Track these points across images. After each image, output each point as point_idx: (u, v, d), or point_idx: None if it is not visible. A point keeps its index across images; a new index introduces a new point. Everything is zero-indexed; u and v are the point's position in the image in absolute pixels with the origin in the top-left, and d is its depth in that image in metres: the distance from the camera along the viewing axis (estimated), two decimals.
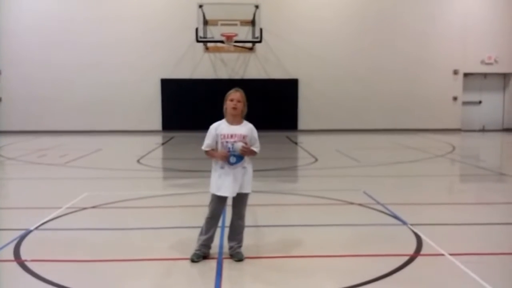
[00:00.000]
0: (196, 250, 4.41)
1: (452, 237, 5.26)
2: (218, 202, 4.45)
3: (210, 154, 4.43)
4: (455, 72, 19.99)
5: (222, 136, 4.39)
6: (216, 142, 4.41)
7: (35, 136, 17.51)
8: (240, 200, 4.50)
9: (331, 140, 16.74)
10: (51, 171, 9.92)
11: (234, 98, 4.48)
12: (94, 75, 19.12)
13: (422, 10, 19.69)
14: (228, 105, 4.47)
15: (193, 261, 4.34)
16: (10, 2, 18.82)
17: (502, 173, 9.88)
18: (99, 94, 19.17)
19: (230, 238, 4.54)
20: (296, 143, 15.94)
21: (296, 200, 7.14)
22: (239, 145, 4.36)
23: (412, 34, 19.70)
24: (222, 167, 4.39)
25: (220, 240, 4.91)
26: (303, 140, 16.76)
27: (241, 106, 4.49)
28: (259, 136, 4.66)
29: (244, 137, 4.44)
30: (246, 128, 4.54)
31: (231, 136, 4.39)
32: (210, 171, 4.53)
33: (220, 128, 4.42)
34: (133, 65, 19.17)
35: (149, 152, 12.75)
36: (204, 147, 4.43)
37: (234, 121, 4.49)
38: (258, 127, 16.58)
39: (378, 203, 6.64)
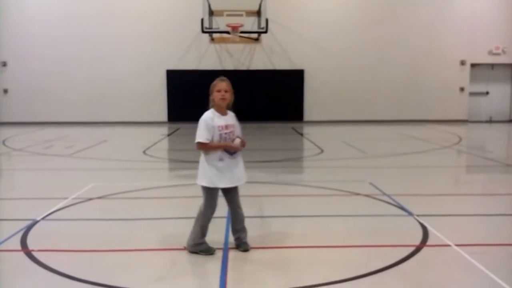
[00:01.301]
0: (206, 245, 4.40)
1: (458, 228, 5.24)
2: (216, 195, 4.44)
3: (211, 146, 4.30)
4: (462, 63, 19.84)
5: (220, 128, 4.33)
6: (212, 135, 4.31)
7: (41, 127, 17.56)
8: (236, 189, 4.53)
9: (337, 131, 16.69)
10: (58, 162, 9.96)
11: (221, 89, 4.36)
12: (99, 66, 19.13)
13: (429, 1, 19.50)
14: (216, 96, 4.36)
15: (213, 253, 4.34)
16: None
17: (509, 164, 9.82)
18: (105, 85, 19.18)
19: (236, 229, 4.53)
20: (301, 134, 15.90)
21: (302, 191, 7.14)
22: (238, 141, 4.36)
23: (419, 24, 19.53)
24: (221, 159, 4.35)
25: (225, 230, 4.92)
26: (309, 131, 16.73)
27: (229, 96, 4.39)
28: (266, 127, 4.66)
29: (234, 126, 4.43)
30: (233, 118, 4.52)
31: (226, 127, 4.36)
32: None
33: (215, 120, 4.33)
34: (139, 56, 19.16)
35: (154, 143, 12.77)
36: (204, 139, 4.27)
37: (223, 112, 4.42)
38: (264, 118, 16.86)
39: (384, 194, 6.62)
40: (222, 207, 4.59)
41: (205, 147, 4.32)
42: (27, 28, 18.91)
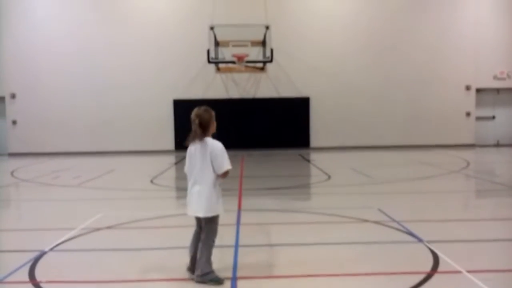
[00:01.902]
0: (215, 275, 4.34)
1: (469, 254, 5.17)
2: None
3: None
4: (468, 88, 19.89)
5: None
6: None
7: (49, 158, 17.68)
8: None
9: (344, 157, 16.67)
10: (65, 192, 9.99)
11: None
12: (107, 96, 19.35)
13: (434, 25, 19.71)
14: (214, 125, 4.48)
15: (222, 283, 4.29)
16: (25, 26, 19.19)
17: None
18: (112, 115, 19.37)
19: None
20: (308, 161, 15.90)
21: (310, 218, 7.10)
22: None
23: (423, 50, 19.68)
24: (220, 185, 4.46)
25: (233, 259, 4.89)
26: (316, 157, 16.72)
27: None
28: (273, 154, 4.72)
29: None
30: None
31: None
32: (222, 189, 4.53)
33: None
34: (146, 86, 19.39)
35: (162, 172, 12.80)
36: (230, 166, 4.39)
37: None
38: (271, 145, 16.87)
39: (393, 220, 6.57)
40: (227, 235, 4.58)
41: (227, 175, 4.41)
42: (35, 59, 19.23)
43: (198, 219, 4.48)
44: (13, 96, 19.30)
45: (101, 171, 13.04)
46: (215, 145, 4.38)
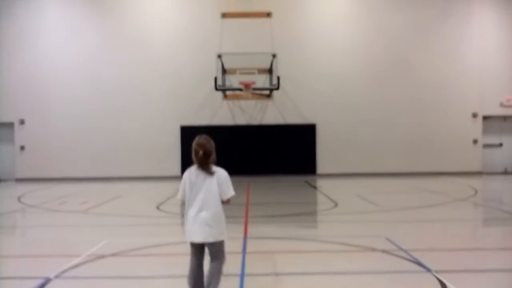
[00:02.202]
0: None
1: (478, 284, 5.10)
2: None
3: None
4: (474, 115, 19.89)
5: None
6: None
7: (56, 183, 17.74)
8: None
9: (351, 184, 16.60)
10: (71, 218, 9.99)
11: None
12: (114, 122, 19.52)
13: (439, 53, 19.85)
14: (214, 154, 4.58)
15: None
16: (35, 53, 19.52)
17: None
18: (119, 141, 19.49)
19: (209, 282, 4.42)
20: (315, 188, 15.84)
21: (317, 247, 7.04)
22: None
23: (430, 78, 19.78)
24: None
25: (239, 287, 4.84)
26: (322, 184, 16.66)
27: None
28: (279, 181, 4.77)
29: None
30: None
31: None
32: (227, 217, 4.55)
33: None
34: (154, 112, 19.56)
35: (168, 199, 12.79)
36: (234, 192, 4.52)
37: None
38: (277, 171, 16.87)
39: (401, 249, 6.51)
40: (232, 264, 4.55)
41: (230, 200, 4.54)
42: (44, 86, 19.48)
43: (201, 247, 4.46)
44: (22, 122, 19.50)
45: (107, 197, 13.05)
46: (220, 172, 4.48)
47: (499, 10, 20.01)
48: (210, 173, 4.41)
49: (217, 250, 4.40)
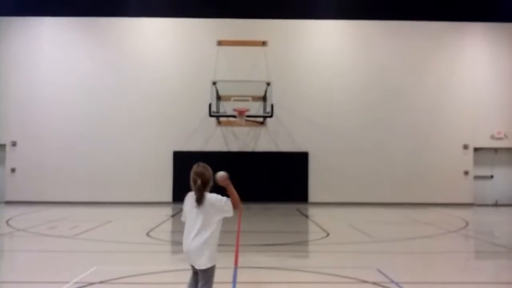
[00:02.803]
0: None
1: None
2: None
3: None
4: (465, 147, 20.06)
5: None
6: None
7: (46, 207, 17.56)
8: None
9: (342, 214, 16.57)
10: (60, 244, 9.86)
11: None
12: (107, 146, 19.47)
13: (431, 85, 20.14)
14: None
15: None
16: (28, 77, 19.58)
17: None
18: (111, 165, 19.41)
19: None
20: (307, 216, 15.78)
21: (307, 278, 6.98)
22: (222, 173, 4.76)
23: (422, 109, 20.02)
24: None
25: None
26: (314, 213, 16.62)
27: None
28: (271, 208, 4.80)
29: None
30: None
31: None
32: (219, 244, 4.54)
33: None
34: (147, 137, 19.57)
35: (158, 225, 12.68)
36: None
37: None
38: (269, 199, 16.84)
39: (392, 281, 6.47)
40: None
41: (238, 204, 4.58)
42: (37, 109, 19.51)
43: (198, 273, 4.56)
44: (14, 144, 19.42)
45: (97, 222, 12.92)
46: (215, 197, 4.58)
47: (490, 43, 20.43)
48: (202, 202, 4.52)
49: (208, 275, 4.48)
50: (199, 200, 4.50)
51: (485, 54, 20.43)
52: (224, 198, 4.55)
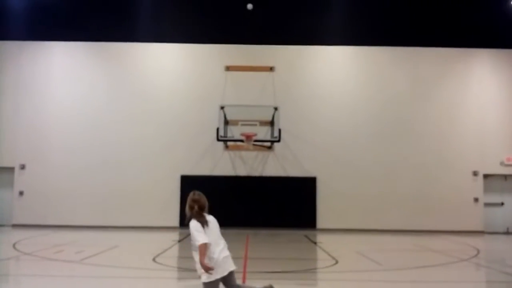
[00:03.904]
0: None
1: None
2: None
3: None
4: (475, 174, 19.88)
5: None
6: None
7: (53, 230, 17.52)
8: None
9: (351, 240, 16.37)
10: (66, 269, 9.78)
11: None
12: (114, 170, 19.48)
13: (440, 111, 20.07)
14: None
15: None
16: (37, 101, 19.74)
17: None
18: (118, 189, 19.38)
19: None
20: (315, 243, 15.60)
21: None
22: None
23: (430, 136, 19.92)
24: None
25: None
26: (322, 239, 16.42)
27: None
28: (278, 234, 4.89)
29: None
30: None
31: None
32: None
33: None
34: (154, 162, 19.56)
35: (165, 250, 12.58)
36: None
37: None
38: (277, 224, 16.72)
39: None
40: None
41: None
42: (46, 132, 19.58)
43: (230, 277, 5.36)
44: (22, 167, 19.49)
45: (104, 247, 12.84)
46: (212, 218, 5.64)
47: (497, 69, 20.42)
48: (207, 223, 5.48)
49: (234, 277, 5.46)
50: (205, 222, 5.32)
51: (492, 80, 20.39)
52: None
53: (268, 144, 18.79)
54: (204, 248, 5.02)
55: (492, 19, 19.98)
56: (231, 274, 5.25)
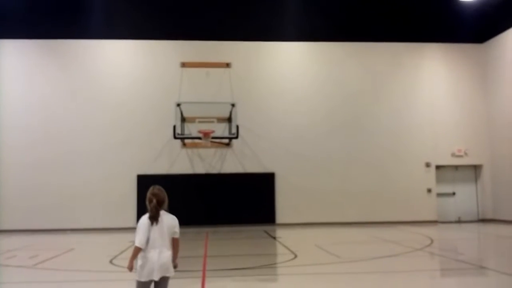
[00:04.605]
0: None
1: None
2: None
3: None
4: (427, 165, 20.50)
5: None
6: None
7: (5, 235, 16.87)
8: None
9: (310, 234, 16.56)
10: (19, 274, 9.44)
11: None
12: (68, 172, 18.96)
13: (393, 105, 20.59)
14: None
15: None
16: None
17: (483, 267, 9.80)
18: (73, 191, 18.88)
19: None
20: (274, 238, 15.69)
21: None
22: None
23: (385, 129, 20.41)
24: None
25: None
26: (281, 234, 16.54)
27: None
28: (238, 231, 4.80)
29: None
30: None
31: None
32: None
33: None
34: (110, 162, 19.16)
35: (122, 252, 12.31)
36: None
37: None
38: (236, 221, 16.69)
39: None
40: None
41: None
42: None
43: (162, 283, 4.95)
44: None
45: (59, 250, 12.45)
46: (172, 218, 5.17)
47: (448, 63, 21.12)
48: (157, 220, 5.04)
49: (166, 283, 5.01)
50: (155, 218, 4.96)
51: (443, 74, 21.07)
52: (177, 223, 5.12)
53: (226, 141, 18.74)
54: (136, 251, 4.91)
55: (442, 13, 20.61)
56: (163, 280, 4.94)
